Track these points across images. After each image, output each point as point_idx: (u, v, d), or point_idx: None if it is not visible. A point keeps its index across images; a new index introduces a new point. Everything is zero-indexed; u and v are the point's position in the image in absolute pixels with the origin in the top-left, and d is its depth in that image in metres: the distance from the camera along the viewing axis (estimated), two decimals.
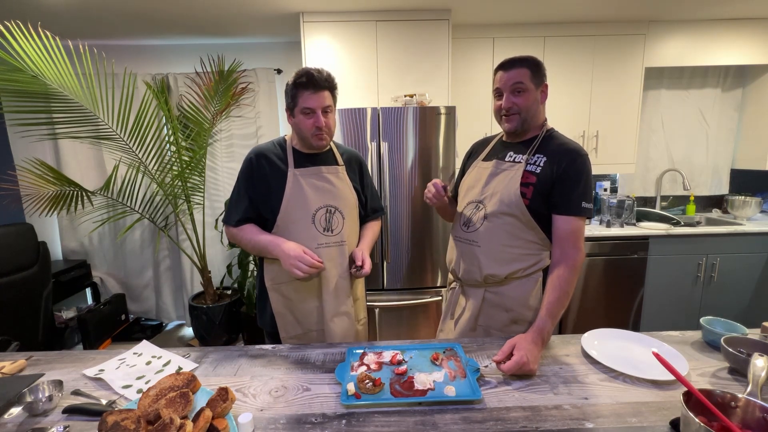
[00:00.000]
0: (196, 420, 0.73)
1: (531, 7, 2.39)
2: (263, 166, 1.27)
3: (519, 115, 1.16)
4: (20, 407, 0.85)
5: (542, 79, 1.17)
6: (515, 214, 1.15)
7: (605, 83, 2.72)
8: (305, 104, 1.18)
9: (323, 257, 1.24)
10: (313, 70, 1.17)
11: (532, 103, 1.16)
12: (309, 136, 1.22)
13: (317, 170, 1.29)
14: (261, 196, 1.28)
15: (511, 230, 1.16)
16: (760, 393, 0.76)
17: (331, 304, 1.30)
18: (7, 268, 2.03)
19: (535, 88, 1.15)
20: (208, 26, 2.58)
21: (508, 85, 1.15)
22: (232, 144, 2.99)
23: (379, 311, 2.30)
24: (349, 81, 2.44)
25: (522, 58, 1.16)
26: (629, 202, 2.74)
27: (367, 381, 0.90)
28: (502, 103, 1.17)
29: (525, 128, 1.19)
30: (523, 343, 0.97)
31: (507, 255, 1.17)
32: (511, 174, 1.17)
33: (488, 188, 1.21)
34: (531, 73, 1.14)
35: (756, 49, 2.73)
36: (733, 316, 2.37)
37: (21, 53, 1.85)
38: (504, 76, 1.16)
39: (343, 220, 1.30)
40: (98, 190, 2.58)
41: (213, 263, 3.05)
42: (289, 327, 1.33)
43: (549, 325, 1.04)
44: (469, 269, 1.23)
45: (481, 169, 1.28)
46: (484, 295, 1.23)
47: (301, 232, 1.26)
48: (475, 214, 1.22)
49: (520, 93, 1.14)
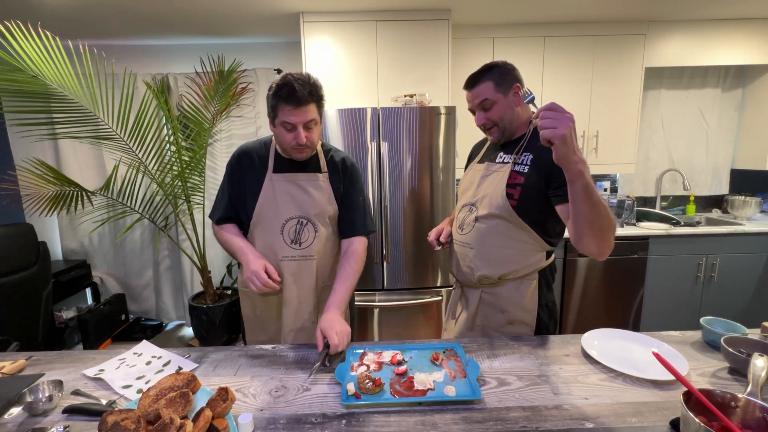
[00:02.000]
0: (196, 420, 0.73)
1: (531, 7, 2.39)
2: (244, 165, 1.24)
3: (497, 126, 1.18)
4: (20, 407, 0.85)
5: (510, 83, 1.14)
6: (503, 216, 1.13)
7: (605, 83, 2.72)
8: (285, 119, 1.09)
9: (286, 270, 1.20)
10: (296, 82, 1.06)
11: (505, 112, 1.15)
12: (288, 149, 1.16)
13: (294, 177, 1.22)
14: (238, 196, 1.25)
15: (502, 231, 1.15)
16: (760, 393, 0.76)
17: (290, 319, 1.25)
18: (7, 268, 2.03)
19: (503, 96, 1.14)
20: (208, 26, 2.58)
21: (476, 104, 1.17)
22: (232, 144, 2.98)
23: (379, 311, 2.30)
24: (349, 81, 2.44)
25: (482, 71, 1.15)
26: (629, 202, 2.74)
27: (367, 381, 0.90)
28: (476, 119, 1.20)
29: (508, 134, 1.19)
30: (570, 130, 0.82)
31: (499, 256, 1.17)
32: (499, 175, 1.17)
33: (480, 190, 1.22)
34: (495, 84, 1.14)
35: (756, 49, 2.73)
36: (733, 316, 2.37)
37: (21, 53, 1.85)
38: (469, 96, 1.18)
39: (314, 233, 1.23)
40: (98, 190, 2.58)
41: (213, 263, 3.05)
42: (256, 332, 1.32)
43: (586, 168, 0.85)
44: (465, 271, 1.25)
45: (475, 171, 1.29)
46: (481, 295, 1.23)
47: (268, 241, 1.21)
48: (468, 216, 1.24)
49: (489, 108, 1.15)
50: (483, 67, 1.16)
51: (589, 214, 0.90)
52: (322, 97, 1.16)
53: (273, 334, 1.30)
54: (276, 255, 1.21)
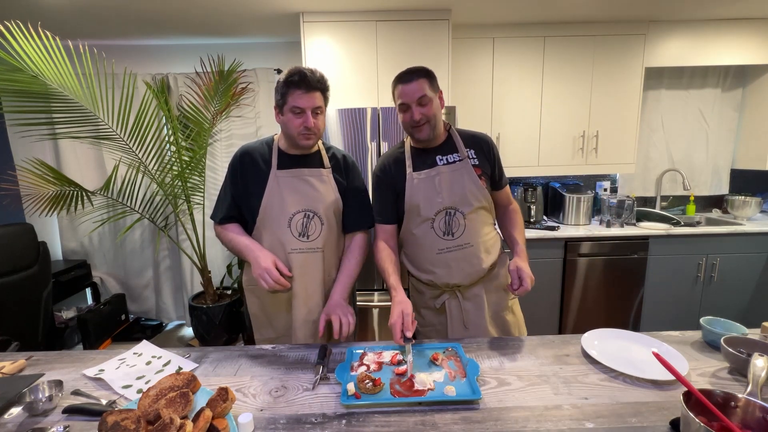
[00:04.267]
0: (196, 420, 0.73)
1: (531, 7, 2.39)
2: (247, 164, 1.27)
3: (429, 123, 1.22)
4: (20, 407, 0.85)
5: (437, 88, 1.24)
6: (484, 205, 1.28)
7: (605, 83, 2.72)
8: (295, 103, 1.16)
9: (295, 263, 1.23)
10: (306, 70, 1.16)
11: (436, 111, 1.23)
12: (296, 135, 1.19)
13: (299, 172, 1.26)
14: (242, 195, 1.27)
15: (484, 219, 1.30)
16: (760, 393, 0.76)
17: (301, 312, 1.26)
18: (7, 268, 2.03)
19: (434, 96, 1.22)
20: (208, 26, 2.58)
21: (414, 98, 1.19)
22: (232, 144, 2.98)
23: (378, 311, 2.30)
24: (348, 81, 2.44)
25: (417, 69, 1.21)
26: (629, 202, 2.74)
27: (367, 381, 0.90)
28: (410, 115, 1.21)
29: (435, 134, 1.26)
30: (523, 265, 1.18)
31: (490, 242, 1.31)
32: (464, 172, 1.26)
33: (454, 191, 1.25)
34: (429, 82, 1.20)
35: (756, 49, 2.73)
36: (733, 316, 2.37)
37: (21, 53, 1.85)
38: (406, 90, 1.19)
39: (321, 226, 1.26)
40: (98, 190, 2.58)
41: (213, 263, 3.04)
42: (263, 329, 1.33)
43: (524, 246, 1.30)
44: (469, 271, 1.27)
45: (426, 179, 1.26)
46: (485, 286, 1.30)
47: (276, 236, 1.24)
48: (453, 219, 1.25)
49: (425, 104, 1.20)
50: (413, 68, 1.22)
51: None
52: (328, 89, 1.23)
53: (282, 329, 1.31)
54: (284, 248, 1.24)
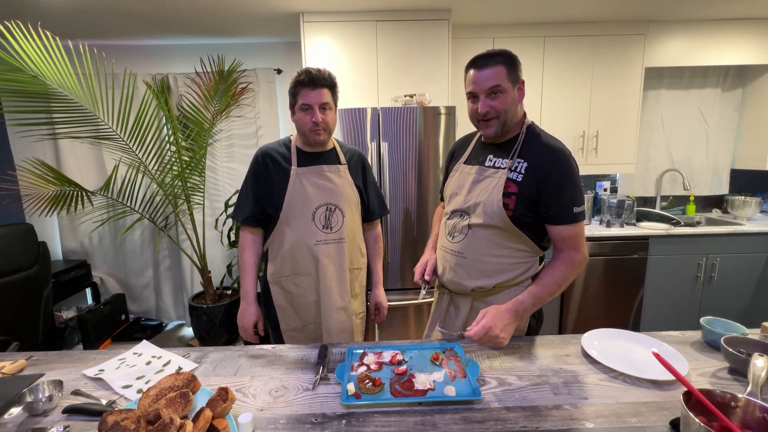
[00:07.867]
0: (196, 420, 0.73)
1: (531, 7, 2.39)
2: (268, 164, 1.34)
3: (498, 119, 1.07)
4: (20, 407, 0.85)
5: (519, 76, 1.07)
6: (499, 225, 1.08)
7: (605, 83, 2.72)
8: (303, 100, 1.24)
9: (321, 254, 1.32)
10: (314, 69, 1.23)
11: (510, 105, 1.06)
12: (307, 132, 1.27)
13: (319, 169, 1.33)
14: (265, 194, 1.34)
15: (496, 240, 1.11)
16: (760, 393, 0.76)
17: (329, 300, 1.34)
18: (7, 268, 2.03)
19: (512, 87, 1.05)
20: (208, 26, 2.58)
21: (485, 88, 1.04)
22: (232, 144, 2.98)
23: None
24: (349, 81, 2.44)
25: (496, 53, 1.05)
26: (629, 202, 2.74)
27: (367, 381, 0.90)
28: (477, 106, 1.07)
29: (505, 131, 1.11)
30: (493, 311, 1.00)
31: (493, 266, 1.13)
32: (493, 183, 1.10)
33: (471, 196, 1.14)
34: (507, 71, 1.04)
35: (756, 49, 2.73)
36: (733, 316, 2.35)
37: (21, 53, 1.85)
38: (478, 77, 1.05)
39: (342, 217, 1.35)
40: (98, 190, 2.58)
41: (213, 263, 3.04)
42: (290, 319, 1.39)
43: (528, 303, 1.03)
44: (457, 281, 1.19)
45: (463, 174, 1.21)
46: (472, 303, 1.19)
47: (301, 229, 1.31)
48: (459, 224, 1.17)
49: (497, 95, 1.05)
50: (493, 50, 1.05)
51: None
52: (336, 85, 1.29)
53: (310, 317, 1.39)
54: (310, 240, 1.31)
